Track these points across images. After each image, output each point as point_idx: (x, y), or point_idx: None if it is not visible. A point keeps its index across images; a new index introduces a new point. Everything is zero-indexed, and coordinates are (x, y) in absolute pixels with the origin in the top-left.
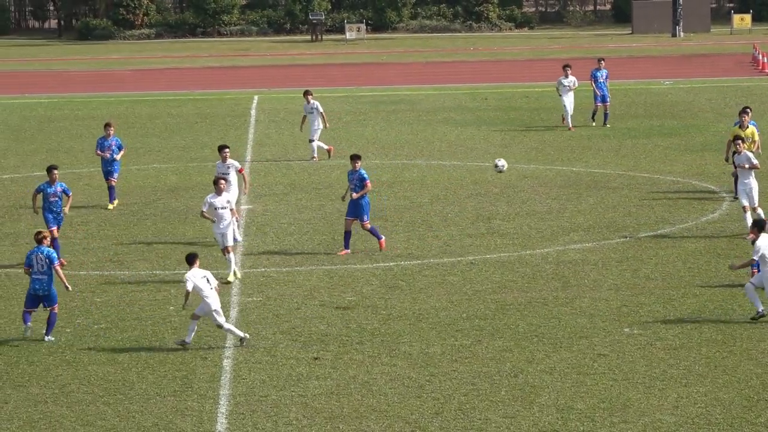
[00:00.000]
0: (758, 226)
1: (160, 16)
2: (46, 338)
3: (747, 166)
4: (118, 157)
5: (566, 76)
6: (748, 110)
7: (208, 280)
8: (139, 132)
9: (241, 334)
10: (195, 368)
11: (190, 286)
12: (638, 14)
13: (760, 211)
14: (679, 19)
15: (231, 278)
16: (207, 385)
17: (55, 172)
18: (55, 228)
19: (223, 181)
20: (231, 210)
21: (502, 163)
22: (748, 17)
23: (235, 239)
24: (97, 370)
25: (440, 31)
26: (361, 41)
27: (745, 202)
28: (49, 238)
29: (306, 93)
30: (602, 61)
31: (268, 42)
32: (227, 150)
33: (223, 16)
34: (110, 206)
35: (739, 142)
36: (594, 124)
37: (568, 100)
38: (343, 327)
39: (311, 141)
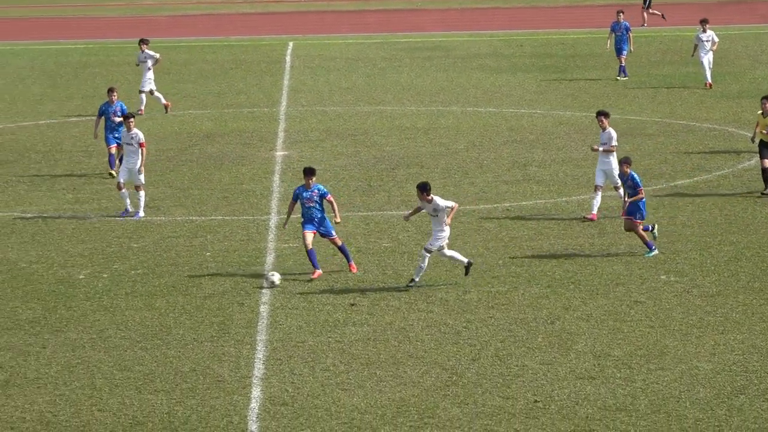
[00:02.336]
0: (425, 190)
1: None
2: None
3: (602, 149)
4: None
5: (704, 31)
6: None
7: None
8: (174, 78)
9: None
10: (232, 314)
11: None
12: None
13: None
14: None
15: None
16: (244, 330)
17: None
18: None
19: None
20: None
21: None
22: None
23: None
24: (135, 316)
25: None
26: None
27: (600, 182)
28: None
29: (141, 41)
30: (621, 13)
31: None
32: (132, 119)
33: None
34: (113, 171)
35: (602, 117)
36: (619, 78)
37: (707, 57)
38: (379, 273)
39: (141, 92)
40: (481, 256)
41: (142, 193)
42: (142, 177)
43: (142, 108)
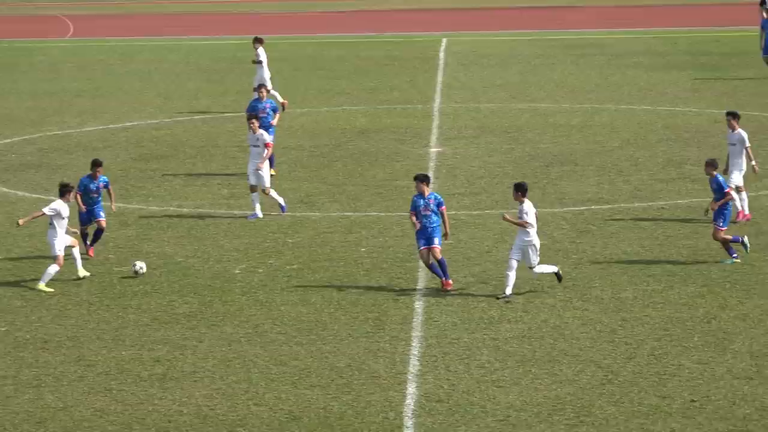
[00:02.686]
0: (519, 190)
1: None
2: None
3: (754, 163)
4: (274, 122)
5: None
6: None
7: None
8: (328, 74)
9: None
10: (387, 310)
11: None
12: None
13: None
14: None
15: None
16: (399, 326)
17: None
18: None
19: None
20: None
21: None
22: None
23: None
24: (290, 311)
25: None
26: None
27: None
28: None
29: (255, 40)
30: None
31: None
32: (254, 121)
33: None
34: (272, 171)
35: (731, 118)
36: None
37: None
38: None
39: (269, 90)
40: (636, 255)
41: (273, 192)
42: (266, 179)
43: (282, 100)
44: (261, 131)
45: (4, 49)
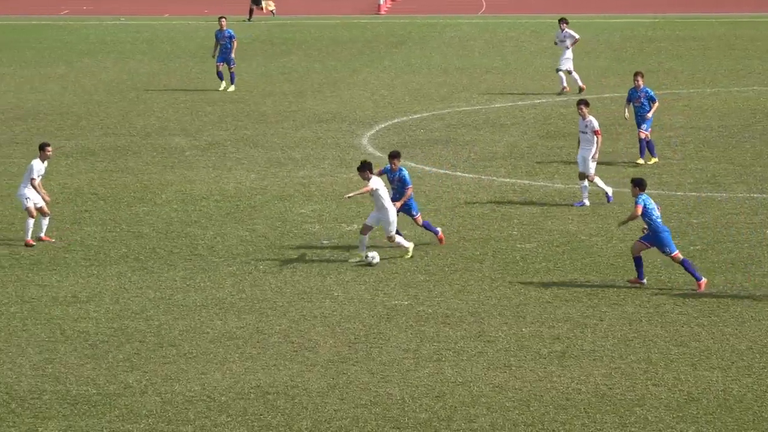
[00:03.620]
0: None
1: None
2: None
3: None
4: (649, 114)
5: None
6: None
7: None
8: (739, 54)
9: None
10: None
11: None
12: None
13: None
14: None
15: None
16: None
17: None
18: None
19: None
20: None
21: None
22: None
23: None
24: (692, 291)
25: None
26: None
27: None
28: None
29: (561, 21)
30: None
31: None
32: (583, 107)
33: None
34: (652, 160)
35: None
36: None
37: None
38: None
39: (558, 70)
40: None
41: (585, 183)
42: (593, 167)
43: (565, 85)
44: (591, 118)
45: (419, 25)
